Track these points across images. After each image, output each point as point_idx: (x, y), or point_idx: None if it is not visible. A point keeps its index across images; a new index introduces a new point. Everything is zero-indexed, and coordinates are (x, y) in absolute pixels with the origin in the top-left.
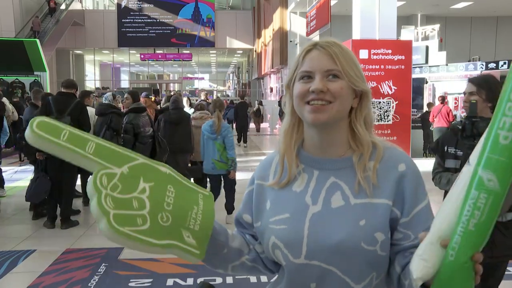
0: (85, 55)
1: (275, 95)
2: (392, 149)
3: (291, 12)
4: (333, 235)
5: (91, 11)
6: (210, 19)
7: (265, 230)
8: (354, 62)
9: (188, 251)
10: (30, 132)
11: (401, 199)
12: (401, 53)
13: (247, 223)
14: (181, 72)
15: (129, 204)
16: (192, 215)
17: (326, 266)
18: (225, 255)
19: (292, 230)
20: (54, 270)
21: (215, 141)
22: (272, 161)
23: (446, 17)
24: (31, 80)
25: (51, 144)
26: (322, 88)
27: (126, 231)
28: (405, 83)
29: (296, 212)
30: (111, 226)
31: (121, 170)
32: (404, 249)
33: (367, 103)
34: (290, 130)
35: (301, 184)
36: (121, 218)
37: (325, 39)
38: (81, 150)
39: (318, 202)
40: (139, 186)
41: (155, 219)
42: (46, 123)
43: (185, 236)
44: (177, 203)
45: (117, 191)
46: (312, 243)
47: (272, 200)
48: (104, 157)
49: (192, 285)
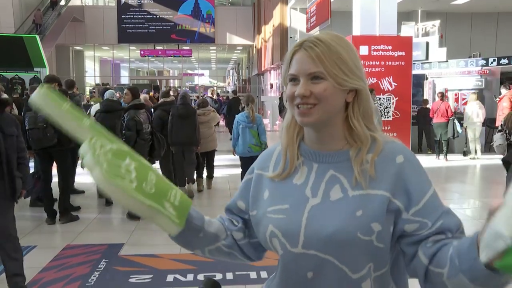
0: (85, 51)
1: (275, 91)
2: (391, 143)
3: (291, 8)
4: (330, 225)
5: (90, 7)
6: (210, 15)
7: (262, 219)
8: (342, 59)
9: (169, 217)
10: (40, 89)
11: (404, 191)
12: (402, 49)
13: (239, 209)
14: (181, 68)
15: (118, 166)
16: (172, 193)
17: (323, 255)
18: (201, 238)
19: (291, 220)
20: (55, 266)
21: (251, 129)
22: (273, 153)
23: (446, 13)
24: (31, 76)
25: (55, 107)
26: (304, 92)
27: (118, 183)
28: (405, 79)
29: (295, 204)
30: (104, 174)
31: (111, 145)
32: (422, 238)
33: (362, 98)
34: (293, 125)
35: (301, 177)
36: (112, 173)
37: (312, 37)
38: (78, 121)
39: (318, 195)
40: (126, 160)
41: (141, 185)
42: (53, 92)
43: (166, 205)
44: (158, 182)
45: (109, 156)
46: (309, 232)
47: (270, 190)
48: (98, 133)
49: (192, 281)
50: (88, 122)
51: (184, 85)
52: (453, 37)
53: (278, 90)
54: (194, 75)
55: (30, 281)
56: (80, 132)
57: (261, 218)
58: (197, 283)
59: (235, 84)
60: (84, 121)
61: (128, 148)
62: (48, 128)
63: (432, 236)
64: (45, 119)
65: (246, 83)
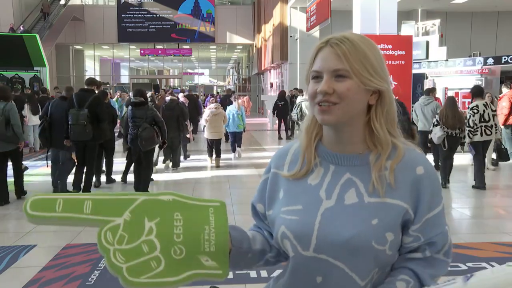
0: (85, 50)
1: (275, 91)
2: (412, 151)
3: (291, 7)
4: (344, 231)
5: (90, 6)
6: (210, 14)
7: (276, 218)
8: (368, 59)
9: (210, 274)
10: (26, 215)
11: (415, 203)
12: (402, 48)
13: (261, 213)
14: (181, 68)
15: (139, 251)
16: (205, 237)
17: (334, 261)
18: (250, 259)
19: (303, 222)
20: (55, 265)
21: (238, 114)
22: (288, 151)
23: (446, 12)
24: (31, 75)
25: (50, 219)
26: (327, 89)
27: (143, 281)
28: (406, 79)
29: (309, 205)
30: (127, 281)
31: (123, 218)
32: (411, 249)
33: (386, 100)
34: (313, 125)
35: (316, 178)
36: (135, 269)
37: (340, 35)
38: (78, 215)
39: (332, 197)
40: (145, 228)
41: (169, 255)
42: (39, 200)
43: (203, 261)
44: (187, 231)
45: (125, 242)
46: (322, 237)
47: (285, 190)
48: (103, 212)
49: None
50: (90, 206)
51: (184, 84)
52: (453, 36)
53: (278, 89)
54: (194, 74)
55: (30, 281)
56: (87, 225)
57: (275, 218)
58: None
59: (235, 83)
60: (84, 208)
61: (140, 196)
62: (88, 125)
63: (419, 248)
64: (86, 117)
65: (246, 82)
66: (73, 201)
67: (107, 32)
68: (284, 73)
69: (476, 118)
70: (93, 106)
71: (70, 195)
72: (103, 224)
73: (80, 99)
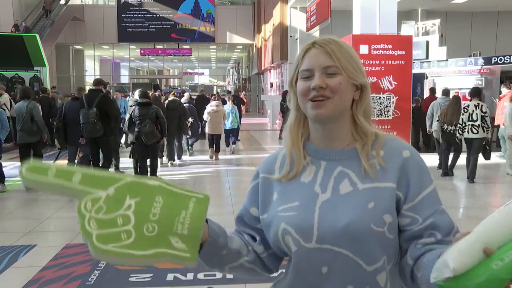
0: (85, 50)
1: (275, 90)
2: (395, 139)
3: (291, 7)
4: (343, 218)
5: (90, 6)
6: (210, 14)
7: (273, 219)
8: (352, 57)
9: (177, 256)
10: (22, 178)
11: (405, 183)
12: (402, 48)
13: (253, 217)
14: (181, 67)
15: (113, 223)
16: (179, 219)
17: (338, 249)
18: (224, 256)
19: (303, 216)
20: (55, 265)
21: (232, 113)
22: (277, 156)
23: (446, 12)
24: (31, 75)
25: (42, 184)
26: (321, 84)
27: (110, 248)
28: (406, 78)
29: (305, 200)
30: (94, 245)
31: (106, 192)
32: (414, 234)
33: (366, 95)
34: (296, 125)
35: (309, 175)
36: (104, 236)
37: (322, 37)
38: (68, 183)
39: (327, 190)
40: (125, 204)
41: (141, 231)
42: (33, 166)
43: (173, 241)
44: (163, 211)
45: (102, 212)
46: (323, 227)
47: (279, 191)
48: (90, 184)
49: (192, 280)
50: (79, 178)
51: (184, 84)
52: (453, 36)
53: (278, 89)
54: (194, 74)
55: (30, 281)
56: (73, 194)
57: (272, 219)
58: (197, 282)
59: (235, 83)
60: (74, 178)
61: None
62: (97, 123)
63: (424, 233)
64: (95, 115)
65: (246, 82)
66: (65, 170)
67: (107, 32)
68: (284, 73)
69: (465, 117)
70: (101, 105)
71: (63, 166)
72: (86, 194)
73: (89, 99)
